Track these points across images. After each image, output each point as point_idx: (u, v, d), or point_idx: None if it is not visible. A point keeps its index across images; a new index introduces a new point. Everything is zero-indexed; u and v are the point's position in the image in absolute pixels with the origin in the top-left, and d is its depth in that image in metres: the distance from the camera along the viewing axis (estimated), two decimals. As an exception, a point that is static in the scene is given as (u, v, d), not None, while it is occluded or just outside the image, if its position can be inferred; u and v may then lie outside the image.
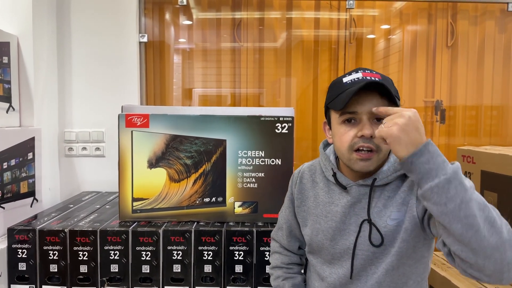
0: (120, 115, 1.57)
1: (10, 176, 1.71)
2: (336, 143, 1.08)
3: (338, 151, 1.08)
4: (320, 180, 1.18)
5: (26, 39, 1.89)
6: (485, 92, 2.34)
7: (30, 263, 1.51)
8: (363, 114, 1.01)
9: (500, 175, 1.87)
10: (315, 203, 1.16)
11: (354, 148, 1.02)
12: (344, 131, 1.04)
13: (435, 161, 0.84)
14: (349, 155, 1.03)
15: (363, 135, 1.00)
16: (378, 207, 1.05)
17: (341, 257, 1.10)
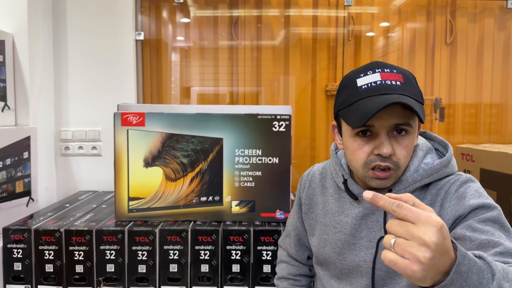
0: (115, 113, 1.55)
1: (5, 176, 1.69)
2: (349, 156, 0.95)
3: (351, 165, 0.96)
4: (330, 185, 1.08)
5: (21, 38, 1.87)
6: (484, 90, 2.33)
7: (26, 263, 1.50)
8: (381, 128, 0.87)
9: (499, 173, 1.85)
10: (323, 211, 1.07)
11: (370, 166, 0.90)
12: (358, 146, 0.90)
13: (472, 281, 0.61)
14: (364, 172, 0.91)
15: (380, 153, 0.88)
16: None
17: (349, 274, 0.99)
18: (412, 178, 0.92)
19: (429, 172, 0.92)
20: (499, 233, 0.78)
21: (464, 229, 0.80)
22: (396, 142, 0.88)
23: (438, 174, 0.92)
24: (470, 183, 0.90)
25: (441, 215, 0.87)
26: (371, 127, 0.88)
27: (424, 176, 0.92)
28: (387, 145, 0.86)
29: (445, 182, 0.92)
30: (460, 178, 0.92)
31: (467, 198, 0.85)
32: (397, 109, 0.85)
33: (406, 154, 0.90)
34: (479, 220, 0.80)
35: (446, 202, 0.88)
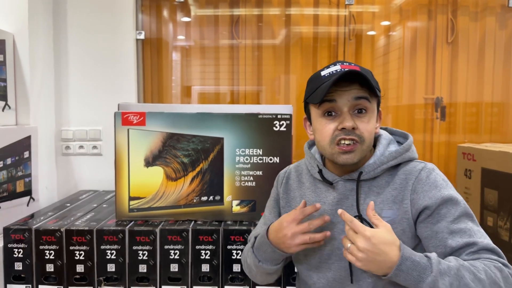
0: (116, 113, 1.55)
1: (6, 175, 1.69)
2: (318, 137, 1.05)
3: (320, 145, 1.05)
4: (306, 180, 1.15)
5: (22, 37, 1.87)
6: (485, 88, 2.32)
7: (26, 262, 1.50)
8: (343, 104, 0.99)
9: (500, 172, 1.85)
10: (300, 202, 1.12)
11: (336, 141, 0.99)
12: (325, 124, 1.01)
13: (412, 277, 0.86)
14: (331, 149, 1.01)
15: (344, 127, 0.98)
16: (367, 203, 1.00)
17: (329, 259, 1.06)
18: (379, 161, 1.03)
19: (393, 155, 1.03)
20: (471, 226, 0.95)
21: (445, 233, 0.94)
22: (357, 118, 0.99)
23: (402, 157, 1.04)
24: (437, 171, 1.03)
25: (413, 199, 0.99)
26: (334, 103, 0.99)
27: (390, 159, 1.03)
28: (349, 119, 0.97)
29: (412, 168, 1.03)
30: (426, 165, 1.04)
31: (438, 188, 0.98)
32: (356, 85, 0.97)
33: (368, 128, 1.00)
34: (453, 220, 0.95)
35: (418, 188, 0.99)
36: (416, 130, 2.34)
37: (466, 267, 0.87)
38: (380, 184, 1.03)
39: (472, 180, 2.04)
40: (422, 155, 2.35)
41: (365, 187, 1.04)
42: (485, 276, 0.86)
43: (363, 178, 1.03)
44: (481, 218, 1.98)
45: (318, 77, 1.04)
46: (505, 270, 0.89)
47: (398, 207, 1.00)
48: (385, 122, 2.34)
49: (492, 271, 0.87)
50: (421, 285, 0.85)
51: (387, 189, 1.02)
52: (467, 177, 2.08)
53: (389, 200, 1.01)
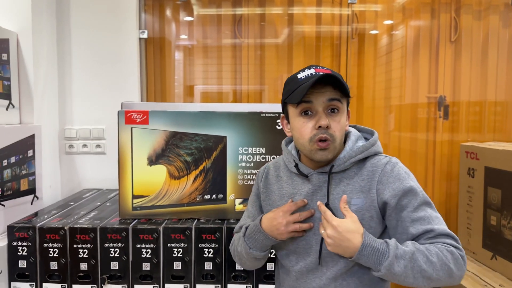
0: (119, 112, 1.56)
1: (10, 174, 1.70)
2: (296, 134, 1.15)
3: (298, 142, 1.16)
4: (284, 174, 1.25)
5: (25, 36, 1.88)
6: (489, 87, 2.32)
7: (30, 260, 1.50)
8: (319, 105, 1.10)
9: (504, 171, 1.85)
10: (279, 196, 1.23)
11: (315, 139, 1.10)
12: (302, 123, 1.12)
13: (372, 260, 1.02)
14: (310, 146, 1.11)
15: (321, 125, 1.08)
16: (337, 193, 1.14)
17: (306, 244, 1.17)
18: (348, 155, 1.15)
19: (361, 149, 1.15)
20: (430, 213, 1.08)
21: (407, 222, 1.08)
22: (331, 118, 1.10)
23: (368, 151, 1.16)
24: (400, 165, 1.15)
25: (379, 189, 1.11)
26: (310, 104, 1.10)
27: (358, 153, 1.15)
28: (324, 118, 1.09)
29: (378, 161, 1.15)
30: (391, 159, 1.16)
31: (400, 180, 1.11)
32: (329, 88, 1.09)
33: (339, 128, 1.12)
34: (414, 209, 1.08)
35: (384, 179, 1.12)
36: (419, 129, 2.34)
37: (420, 250, 1.01)
38: (349, 176, 1.15)
39: (476, 179, 2.04)
40: (425, 154, 2.34)
41: (336, 179, 1.16)
42: (436, 258, 1.00)
43: (334, 170, 1.15)
44: (484, 217, 1.98)
45: (295, 79, 1.15)
46: (456, 252, 1.03)
47: (365, 195, 1.12)
48: (388, 120, 2.34)
49: (443, 254, 1.01)
50: (380, 267, 1.01)
51: (356, 180, 1.14)
52: (470, 176, 2.08)
53: (357, 189, 1.13)
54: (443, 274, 1.01)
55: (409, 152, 2.35)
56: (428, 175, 2.35)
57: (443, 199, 2.35)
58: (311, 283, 1.16)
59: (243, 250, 1.24)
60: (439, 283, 1.02)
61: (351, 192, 1.13)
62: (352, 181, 1.14)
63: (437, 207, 1.16)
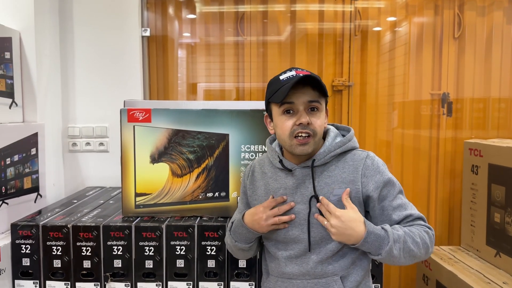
0: (122, 110, 1.56)
1: (13, 172, 1.71)
2: (278, 131, 1.24)
3: (280, 139, 1.25)
4: (268, 170, 1.33)
5: (28, 34, 1.88)
6: (492, 84, 2.31)
7: (34, 258, 1.51)
8: (300, 104, 1.19)
9: (508, 168, 1.84)
10: (265, 191, 1.31)
11: (294, 134, 1.19)
12: (284, 120, 1.21)
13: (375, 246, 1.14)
14: (290, 141, 1.20)
15: (301, 122, 1.18)
16: (320, 185, 1.23)
17: (293, 234, 1.24)
18: (328, 149, 1.24)
19: (339, 144, 1.26)
20: (404, 200, 1.24)
21: (389, 210, 1.22)
22: (311, 115, 1.20)
23: (345, 146, 1.26)
24: (377, 158, 1.27)
25: (363, 182, 1.22)
26: (292, 104, 1.19)
27: (336, 148, 1.25)
28: (305, 116, 1.18)
29: (358, 156, 1.26)
30: (368, 154, 1.27)
31: (380, 173, 1.23)
32: (309, 90, 1.19)
33: (319, 123, 1.21)
34: (393, 199, 1.22)
35: (367, 173, 1.23)
36: (423, 126, 2.33)
37: (407, 233, 1.16)
38: (330, 169, 1.25)
39: (479, 176, 2.03)
40: (429, 151, 2.33)
41: (318, 172, 1.24)
42: (419, 239, 1.17)
43: (316, 164, 1.24)
44: (488, 214, 1.97)
45: (277, 80, 1.23)
46: (430, 232, 1.21)
47: (347, 186, 1.22)
48: (391, 117, 2.33)
49: (423, 234, 1.19)
50: (381, 251, 1.13)
51: (337, 172, 1.24)
52: (474, 173, 2.07)
53: (339, 181, 1.23)
54: (424, 251, 1.18)
55: (412, 149, 2.34)
56: (432, 172, 2.34)
57: (446, 196, 2.34)
58: (299, 268, 1.24)
59: (231, 243, 1.35)
60: (418, 260, 1.20)
61: (333, 183, 1.23)
62: (333, 173, 1.24)
63: (440, 204, 1.26)
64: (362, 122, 2.30)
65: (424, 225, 1.22)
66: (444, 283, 1.93)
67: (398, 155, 2.34)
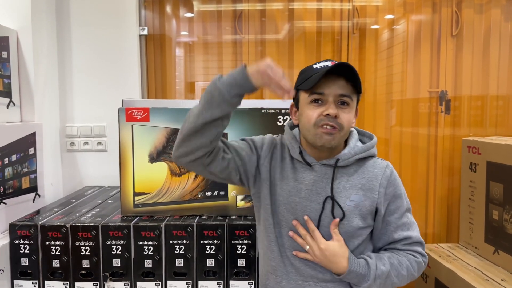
0: (120, 109, 1.56)
1: (11, 172, 1.70)
2: (303, 120, 1.18)
3: (304, 128, 1.19)
4: (287, 156, 1.26)
5: (25, 34, 1.87)
6: (490, 81, 2.31)
7: (33, 258, 1.51)
8: (330, 95, 1.13)
9: (506, 165, 1.84)
10: (280, 176, 1.24)
11: (320, 124, 1.13)
12: (312, 109, 1.15)
13: (354, 281, 1.16)
14: (314, 130, 1.14)
15: (329, 113, 1.12)
16: (338, 187, 1.18)
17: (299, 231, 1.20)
18: (354, 152, 1.20)
19: (364, 148, 1.22)
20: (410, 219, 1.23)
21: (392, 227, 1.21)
22: (340, 109, 1.14)
23: (369, 152, 1.22)
24: (394, 170, 1.25)
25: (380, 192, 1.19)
26: (322, 95, 1.13)
27: (361, 151, 1.21)
28: (333, 107, 1.12)
29: (379, 164, 1.23)
30: (388, 163, 1.24)
31: (395, 186, 1.22)
32: (342, 82, 1.12)
33: (348, 119, 1.15)
34: (400, 216, 1.21)
35: (385, 183, 1.20)
36: (421, 124, 2.33)
37: (395, 266, 1.17)
38: (349, 172, 1.21)
39: (477, 173, 2.03)
40: (427, 149, 2.34)
41: (337, 173, 1.20)
42: (405, 271, 1.18)
43: (339, 164, 1.19)
44: (486, 211, 1.97)
45: (310, 68, 1.18)
46: (421, 262, 1.21)
47: (364, 193, 1.18)
48: (389, 115, 2.33)
49: (412, 265, 1.19)
50: (360, 285, 1.15)
51: (355, 177, 1.20)
52: (472, 170, 2.08)
53: (357, 186, 1.19)
54: (407, 281, 1.21)
55: (410, 147, 2.34)
56: (430, 170, 2.35)
57: (445, 194, 2.34)
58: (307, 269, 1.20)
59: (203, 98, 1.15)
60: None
61: (351, 188, 1.19)
62: (352, 177, 1.20)
63: (439, 202, 1.25)
64: (360, 120, 2.30)
65: (419, 252, 1.22)
66: (443, 280, 1.93)
67: (396, 153, 2.34)
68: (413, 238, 1.22)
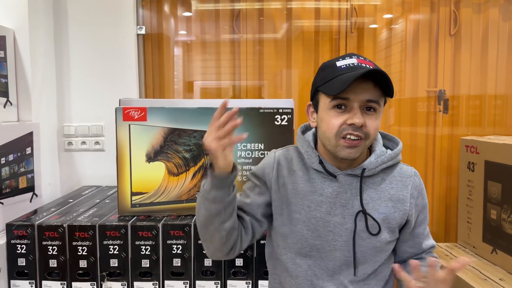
0: (117, 108, 1.55)
1: (8, 171, 1.70)
2: (324, 127, 1.05)
3: (323, 136, 1.06)
4: (298, 168, 1.12)
5: (22, 33, 1.87)
6: (489, 81, 2.31)
7: (30, 258, 1.50)
8: (355, 101, 1.00)
9: (504, 165, 1.84)
10: (293, 192, 1.10)
11: (342, 135, 1.01)
12: (334, 116, 1.02)
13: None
14: (336, 141, 1.02)
15: (354, 123, 0.99)
16: (366, 199, 1.07)
17: (321, 249, 1.08)
18: (380, 160, 1.09)
19: (391, 156, 1.10)
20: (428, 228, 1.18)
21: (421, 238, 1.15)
22: (366, 116, 1.01)
23: (395, 159, 1.12)
24: (421, 179, 1.16)
25: (411, 203, 1.10)
26: (346, 100, 1.00)
27: (388, 159, 1.10)
28: (359, 116, 0.99)
29: (406, 171, 1.14)
30: (415, 171, 1.15)
31: (423, 196, 1.14)
32: (370, 86, 0.99)
33: (375, 126, 1.03)
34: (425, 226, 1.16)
35: (416, 193, 1.12)
36: (419, 123, 2.33)
37: None
38: (376, 182, 1.10)
39: (475, 173, 2.03)
40: (425, 148, 2.34)
41: (364, 184, 1.08)
42: None
43: (366, 174, 1.07)
44: (484, 211, 1.97)
45: (333, 66, 1.04)
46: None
47: (394, 204, 1.09)
48: (388, 115, 2.33)
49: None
50: None
51: (383, 187, 1.10)
52: (470, 170, 2.07)
53: (386, 197, 1.09)
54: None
55: (409, 146, 2.34)
56: (428, 169, 2.35)
57: (443, 193, 2.34)
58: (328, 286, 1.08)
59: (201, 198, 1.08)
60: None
61: (379, 199, 1.08)
62: (379, 187, 1.09)
63: (437, 201, 1.24)
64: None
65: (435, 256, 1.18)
66: (440, 280, 1.93)
67: (394, 152, 2.34)
68: (434, 246, 1.18)
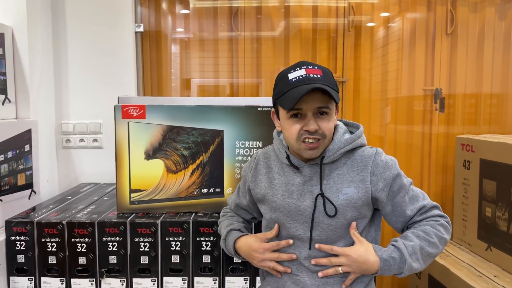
0: (116, 106, 1.56)
1: (7, 169, 1.70)
2: (285, 133, 1.21)
3: (287, 141, 1.22)
4: (275, 165, 1.30)
5: (20, 30, 1.87)
6: (484, 80, 2.33)
7: (29, 255, 1.51)
8: (308, 110, 1.14)
9: (499, 163, 1.86)
10: (270, 185, 1.28)
11: (301, 139, 1.16)
12: (292, 124, 1.17)
13: (394, 269, 1.15)
14: (298, 145, 1.18)
15: (308, 130, 1.14)
16: (329, 183, 1.20)
17: (296, 231, 1.23)
18: (337, 146, 1.21)
19: (349, 141, 1.22)
20: (415, 191, 1.24)
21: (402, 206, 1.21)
22: (320, 120, 1.15)
23: (355, 143, 1.22)
24: (385, 154, 1.24)
25: (373, 180, 1.19)
26: (300, 110, 1.14)
27: (346, 144, 1.21)
28: (313, 123, 1.14)
29: (367, 152, 1.22)
30: (377, 150, 1.23)
31: (389, 169, 1.20)
32: (319, 95, 1.13)
33: (329, 127, 1.17)
34: (405, 193, 1.21)
35: (376, 171, 1.19)
36: (415, 122, 2.35)
37: (422, 237, 1.16)
38: (339, 167, 1.22)
39: (471, 171, 2.05)
40: (421, 146, 2.35)
41: (326, 170, 1.22)
42: (435, 237, 1.16)
43: (325, 162, 1.21)
44: (479, 209, 1.99)
45: (285, 79, 1.17)
46: (444, 222, 1.20)
47: (356, 185, 1.19)
48: (384, 113, 2.34)
49: (438, 230, 1.18)
50: (402, 271, 1.14)
51: (345, 171, 1.21)
52: (465, 168, 2.09)
53: (348, 179, 1.20)
54: (443, 247, 1.19)
55: (405, 144, 2.36)
56: (424, 167, 2.37)
57: (438, 191, 2.36)
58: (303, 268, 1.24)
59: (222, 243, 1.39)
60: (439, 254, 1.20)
61: (342, 182, 1.20)
62: (342, 171, 1.21)
63: (432, 199, 1.27)
64: (355, 118, 2.32)
65: (438, 215, 1.21)
66: (436, 277, 1.95)
67: (391, 150, 2.35)
68: (427, 206, 1.22)
